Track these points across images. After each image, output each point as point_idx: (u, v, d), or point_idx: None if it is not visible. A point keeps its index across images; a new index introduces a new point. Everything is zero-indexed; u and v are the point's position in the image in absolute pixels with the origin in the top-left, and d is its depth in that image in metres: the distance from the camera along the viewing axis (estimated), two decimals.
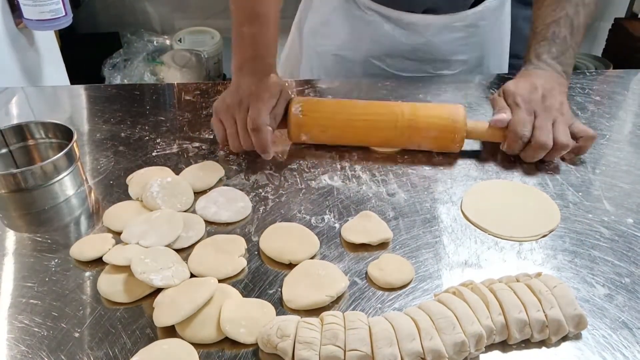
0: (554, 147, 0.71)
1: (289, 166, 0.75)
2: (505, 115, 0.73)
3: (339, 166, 0.75)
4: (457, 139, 0.74)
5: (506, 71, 1.06)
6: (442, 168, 0.74)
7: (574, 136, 0.73)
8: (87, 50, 2.18)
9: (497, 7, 0.98)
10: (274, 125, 0.74)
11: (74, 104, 0.95)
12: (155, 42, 2.32)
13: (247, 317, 0.51)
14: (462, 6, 0.94)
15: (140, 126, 0.85)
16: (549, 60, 0.79)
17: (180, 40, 2.31)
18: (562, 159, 0.76)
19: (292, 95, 0.79)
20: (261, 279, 0.57)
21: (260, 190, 0.70)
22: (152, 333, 0.51)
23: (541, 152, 0.72)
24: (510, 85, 0.77)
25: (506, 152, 0.75)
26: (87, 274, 0.58)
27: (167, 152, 0.78)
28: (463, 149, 0.77)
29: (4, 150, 0.74)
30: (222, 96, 0.76)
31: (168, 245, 0.60)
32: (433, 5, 0.93)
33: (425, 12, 0.93)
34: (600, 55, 2.26)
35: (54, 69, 1.52)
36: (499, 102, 0.77)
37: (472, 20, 0.95)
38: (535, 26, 0.82)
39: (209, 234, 0.63)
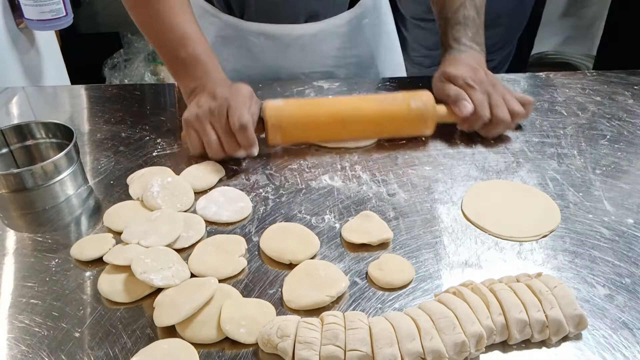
0: (512, 119, 0.77)
1: (289, 166, 0.75)
2: (469, 105, 0.76)
3: (339, 166, 0.75)
4: (430, 125, 0.78)
5: (402, 64, 1.12)
6: (442, 168, 0.74)
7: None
8: (87, 50, 2.18)
9: (375, 3, 1.00)
10: (253, 125, 0.73)
11: (74, 104, 0.95)
12: None
13: (247, 317, 0.51)
14: (341, 7, 0.95)
15: (141, 126, 0.85)
16: (467, 42, 0.84)
17: None
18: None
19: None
20: (261, 279, 0.57)
21: (261, 190, 0.70)
22: (152, 333, 0.51)
23: (502, 127, 0.78)
24: (451, 69, 0.80)
25: (465, 131, 0.80)
26: (88, 273, 0.58)
27: (168, 152, 0.78)
28: (463, 149, 0.78)
29: (4, 150, 0.74)
30: (191, 109, 0.73)
31: (168, 245, 0.60)
32: (313, 12, 0.93)
33: (307, 21, 0.94)
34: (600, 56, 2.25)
35: (55, 69, 1.53)
36: (451, 87, 0.79)
37: (355, 22, 0.97)
38: (444, 13, 0.86)
39: (209, 233, 0.63)
